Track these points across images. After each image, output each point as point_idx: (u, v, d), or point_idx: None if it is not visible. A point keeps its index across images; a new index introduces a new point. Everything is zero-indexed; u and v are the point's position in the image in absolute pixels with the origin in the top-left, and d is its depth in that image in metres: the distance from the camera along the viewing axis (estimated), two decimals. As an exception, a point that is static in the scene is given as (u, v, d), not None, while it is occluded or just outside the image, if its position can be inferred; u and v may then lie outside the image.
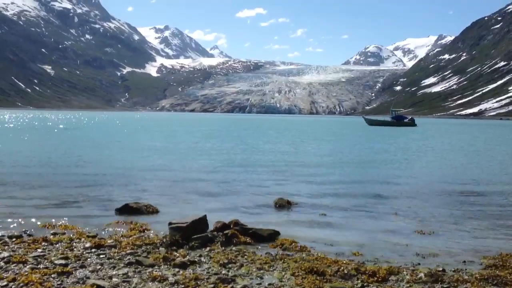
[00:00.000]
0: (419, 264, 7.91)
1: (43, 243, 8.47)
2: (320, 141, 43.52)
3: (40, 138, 39.07)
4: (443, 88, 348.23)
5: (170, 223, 9.14)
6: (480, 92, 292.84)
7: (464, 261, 8.11)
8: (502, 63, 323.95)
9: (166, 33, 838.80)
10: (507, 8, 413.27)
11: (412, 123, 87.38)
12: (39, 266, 7.19)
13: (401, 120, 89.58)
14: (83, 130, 55.08)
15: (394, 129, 76.74)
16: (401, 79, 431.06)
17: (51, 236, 8.94)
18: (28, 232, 9.26)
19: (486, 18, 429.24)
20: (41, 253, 7.83)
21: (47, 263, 7.34)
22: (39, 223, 10.01)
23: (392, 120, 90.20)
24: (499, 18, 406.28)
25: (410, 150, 33.10)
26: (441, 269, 7.53)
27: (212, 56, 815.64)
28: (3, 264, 7.26)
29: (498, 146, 38.98)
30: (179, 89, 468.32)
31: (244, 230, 9.34)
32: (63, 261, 7.41)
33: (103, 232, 9.53)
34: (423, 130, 73.98)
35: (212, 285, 6.66)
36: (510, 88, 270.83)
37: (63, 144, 32.62)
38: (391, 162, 25.05)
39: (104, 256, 7.85)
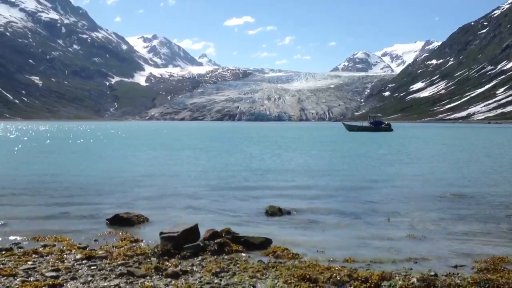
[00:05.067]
0: (411, 269, 7.93)
1: (33, 256, 8.38)
2: (308, 148, 43.59)
3: (27, 149, 38.76)
4: (431, 93, 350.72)
5: (161, 233, 9.10)
6: (468, 97, 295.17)
7: (456, 265, 8.14)
8: (489, 67, 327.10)
9: (155, 42, 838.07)
10: (493, 13, 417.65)
11: (388, 128, 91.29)
12: (29, 279, 7.12)
13: (378, 126, 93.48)
14: (70, 141, 54.74)
15: (373, 134, 79.58)
16: (390, 85, 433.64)
17: (42, 248, 8.85)
18: (18, 245, 9.18)
19: (472, 24, 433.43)
20: (32, 266, 7.76)
21: (37, 276, 7.27)
22: (29, 235, 9.91)
23: (370, 125, 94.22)
24: (485, 23, 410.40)
25: (394, 155, 33.22)
26: (433, 273, 7.55)
27: (200, 64, 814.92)
28: (-7, 277, 7.18)
29: (482, 150, 39.24)
30: (168, 98, 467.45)
31: (235, 238, 9.31)
32: (54, 273, 7.34)
33: (94, 243, 9.46)
34: (399, 134, 77.94)
35: (204, 295, 6.62)
36: (497, 92, 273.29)
37: (51, 155, 32.42)
38: (380, 168, 25.14)
39: (95, 267, 7.78)
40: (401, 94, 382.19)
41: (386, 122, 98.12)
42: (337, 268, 7.78)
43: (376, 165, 26.84)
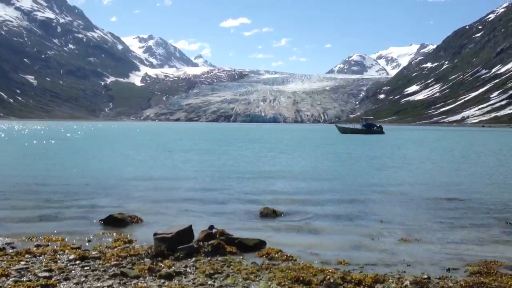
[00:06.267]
0: (404, 272, 7.95)
1: (26, 256, 8.36)
2: (301, 150, 43.62)
3: (20, 149, 38.62)
4: (426, 96, 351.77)
5: (155, 234, 9.08)
6: (463, 100, 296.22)
7: (449, 269, 8.16)
8: (484, 71, 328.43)
9: (150, 43, 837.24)
10: (488, 17, 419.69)
11: (380, 131, 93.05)
12: (22, 279, 7.10)
13: (370, 128, 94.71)
14: (64, 141, 54.57)
15: (364, 136, 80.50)
16: (385, 87, 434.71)
17: (35, 248, 8.83)
18: (11, 245, 9.14)
19: (467, 27, 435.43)
20: (25, 266, 7.73)
21: (30, 276, 7.25)
22: (22, 235, 9.87)
23: (362, 128, 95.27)
24: (479, 27, 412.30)
25: (387, 158, 33.29)
26: (426, 276, 7.57)
27: (196, 65, 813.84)
28: (-15, 277, 7.15)
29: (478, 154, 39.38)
30: (164, 98, 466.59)
31: (229, 240, 9.31)
32: (47, 274, 7.33)
33: (87, 244, 9.44)
34: (390, 136, 79.53)
35: (198, 296, 6.62)
36: (491, 96, 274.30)
37: (44, 155, 32.30)
38: (374, 170, 25.18)
39: (88, 268, 7.77)
40: (396, 97, 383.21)
41: (378, 125, 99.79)
42: (330, 271, 7.79)
43: (368, 168, 26.87)
